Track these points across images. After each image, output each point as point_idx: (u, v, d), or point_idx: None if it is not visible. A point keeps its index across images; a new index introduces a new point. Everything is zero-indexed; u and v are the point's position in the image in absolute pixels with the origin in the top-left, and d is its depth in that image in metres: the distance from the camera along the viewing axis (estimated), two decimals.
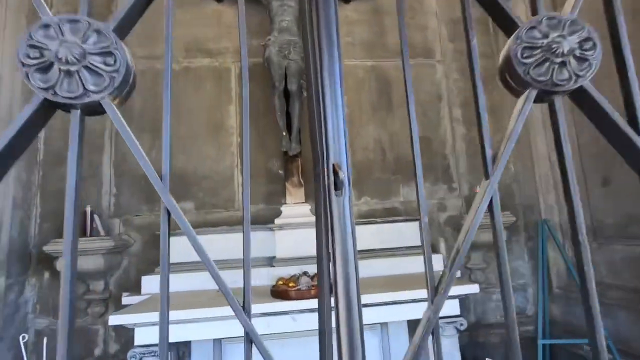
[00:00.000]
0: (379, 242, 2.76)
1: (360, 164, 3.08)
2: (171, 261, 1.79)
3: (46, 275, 2.68)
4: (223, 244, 2.62)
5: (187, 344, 2.34)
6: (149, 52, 3.04)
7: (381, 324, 2.55)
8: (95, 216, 2.58)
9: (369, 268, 2.60)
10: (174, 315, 1.79)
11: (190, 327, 1.84)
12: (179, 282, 2.40)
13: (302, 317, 1.88)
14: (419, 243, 2.82)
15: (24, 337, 2.21)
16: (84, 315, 2.66)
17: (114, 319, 1.73)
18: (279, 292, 1.88)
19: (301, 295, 1.85)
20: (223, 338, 2.30)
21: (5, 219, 2.44)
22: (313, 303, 1.86)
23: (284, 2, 2.64)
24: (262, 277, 2.45)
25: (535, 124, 2.99)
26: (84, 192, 2.80)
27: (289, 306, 1.84)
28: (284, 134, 2.57)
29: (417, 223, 2.86)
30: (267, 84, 3.09)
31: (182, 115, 2.99)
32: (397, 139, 3.16)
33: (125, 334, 2.59)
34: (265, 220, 2.82)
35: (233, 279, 2.41)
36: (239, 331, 1.80)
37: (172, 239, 1.92)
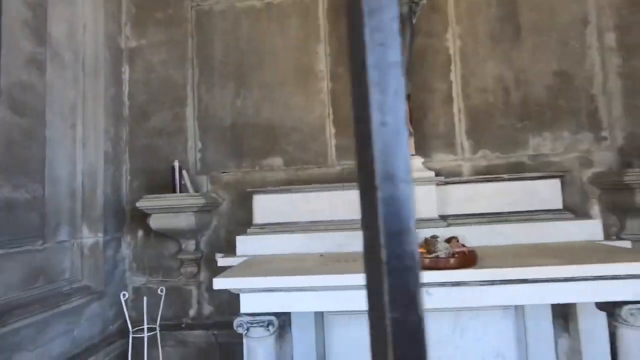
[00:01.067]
0: (507, 204, 2.23)
1: (476, 109, 2.51)
2: (266, 221, 1.38)
3: (140, 233, 2.61)
4: (321, 204, 2.29)
5: (288, 314, 2.10)
6: None
7: (516, 306, 2.07)
8: (184, 172, 2.39)
9: (496, 234, 2.10)
10: (277, 281, 1.50)
11: (295, 296, 1.54)
12: (277, 244, 2.14)
13: (439, 292, 1.47)
14: (559, 205, 2.23)
15: (124, 295, 2.14)
16: (177, 274, 2.57)
17: (219, 283, 1.49)
18: None
19: (438, 265, 1.44)
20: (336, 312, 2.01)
21: (99, 173, 2.35)
22: (452, 275, 1.44)
23: None
24: None
25: None
26: (169, 147, 2.64)
27: (422, 277, 1.44)
28: None
29: (556, 181, 2.26)
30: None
31: (265, 58, 2.64)
32: (525, 76, 2.50)
33: (218, 297, 2.45)
34: None
35: (336, 241, 2.08)
36: (354, 304, 1.44)
37: (265, 196, 1.49)
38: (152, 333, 2.19)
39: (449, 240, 1.58)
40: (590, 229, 2.10)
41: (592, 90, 2.46)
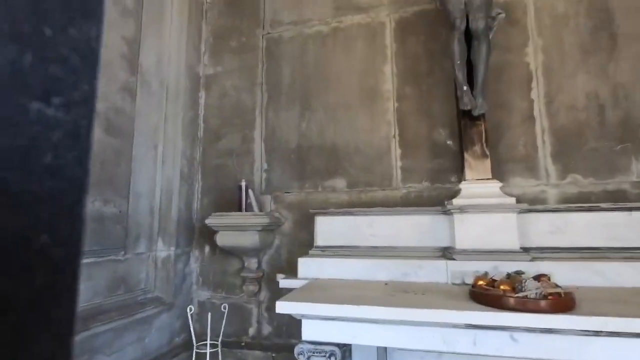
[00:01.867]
0: (605, 239, 1.91)
1: (563, 129, 2.24)
2: (328, 243, 1.30)
3: (207, 248, 2.72)
4: (385, 228, 2.18)
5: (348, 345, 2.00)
6: (296, 17, 2.80)
7: None
8: (250, 191, 2.46)
9: (592, 273, 1.80)
10: (341, 310, 1.42)
11: (360, 327, 1.44)
12: (339, 268, 2.07)
13: (527, 338, 1.28)
14: None
15: (191, 309, 2.21)
16: (239, 292, 2.61)
17: (282, 307, 1.45)
18: (489, 298, 1.32)
19: (526, 307, 1.25)
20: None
21: (175, 191, 2.51)
22: (544, 320, 1.24)
23: None
24: (440, 272, 1.92)
25: None
26: (238, 167, 2.75)
27: (506, 320, 1.26)
28: (465, 88, 1.96)
29: None
30: (429, 36, 2.52)
31: (330, 81, 2.66)
32: (625, 91, 2.18)
33: (278, 318, 2.43)
34: (432, 202, 2.28)
35: (401, 270, 1.95)
36: (420, 342, 1.30)
37: (327, 218, 1.40)
38: (214, 350, 2.22)
39: (537, 279, 1.38)
40: None
41: None
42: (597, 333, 1.22)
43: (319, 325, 1.46)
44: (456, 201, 1.99)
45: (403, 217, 2.19)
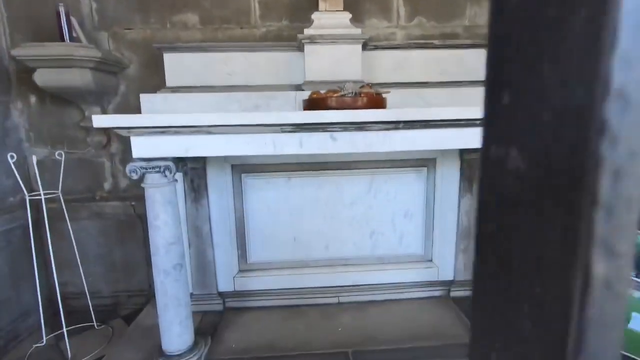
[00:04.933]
0: (437, 74, 2.17)
1: None
2: (180, 84, 1.14)
3: (32, 98, 2.27)
4: (241, 65, 2.07)
5: (203, 178, 2.03)
6: None
7: (428, 169, 2.15)
8: (74, 19, 2.00)
9: (419, 99, 2.08)
10: (172, 120, 1.36)
11: (195, 139, 1.41)
12: (188, 105, 1.96)
13: (344, 137, 1.43)
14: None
15: (12, 157, 1.90)
16: (84, 146, 2.34)
17: (100, 120, 1.31)
18: (315, 102, 1.40)
19: (345, 104, 1.37)
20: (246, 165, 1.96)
21: None
22: (358, 115, 1.38)
23: None
24: (290, 104, 1.97)
25: None
26: None
27: (327, 117, 1.36)
28: None
29: (483, 51, 2.19)
30: None
31: None
32: None
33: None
34: (290, 40, 2.21)
35: (253, 101, 1.94)
36: (257, 148, 1.35)
37: (177, 55, 1.20)
38: (54, 205, 2.04)
39: (361, 87, 1.50)
40: None
41: None
42: (396, 126, 1.43)
43: (149, 140, 1.39)
44: (307, 31, 1.95)
45: (260, 54, 2.10)
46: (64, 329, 1.98)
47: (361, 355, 1.69)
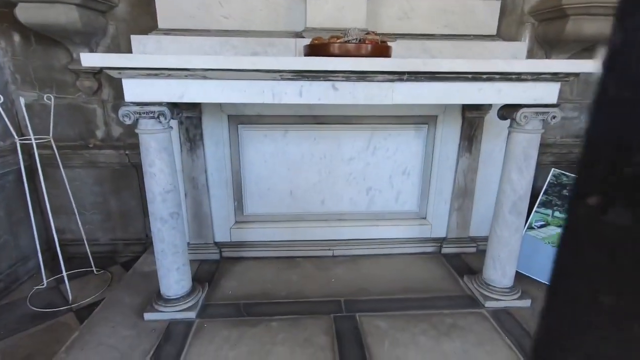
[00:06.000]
0: (443, 26, 2.05)
1: None
2: (173, 26, 1.01)
3: (16, 38, 2.13)
4: (238, 7, 1.94)
5: (199, 128, 1.97)
6: None
7: (428, 126, 2.11)
8: None
9: (422, 51, 1.99)
10: (167, 62, 1.28)
11: (185, 83, 1.35)
12: (182, 49, 1.85)
13: (346, 87, 1.37)
14: (493, 32, 2.11)
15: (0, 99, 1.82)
16: (74, 91, 2.24)
17: (88, 59, 1.24)
18: (317, 47, 1.32)
19: (348, 51, 1.30)
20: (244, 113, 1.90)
21: None
22: (361, 64, 1.32)
23: None
24: (289, 51, 1.88)
25: None
26: None
27: (330, 64, 1.30)
28: None
29: (497, 3, 2.08)
30: None
31: None
32: None
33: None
34: None
35: (251, 48, 1.84)
36: (255, 95, 1.26)
37: None
38: (48, 152, 1.99)
39: (366, 34, 1.41)
40: (514, 50, 2.04)
41: None
42: (400, 77, 1.37)
43: (142, 83, 1.33)
44: None
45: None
46: (64, 273, 2.03)
47: (353, 303, 1.76)
